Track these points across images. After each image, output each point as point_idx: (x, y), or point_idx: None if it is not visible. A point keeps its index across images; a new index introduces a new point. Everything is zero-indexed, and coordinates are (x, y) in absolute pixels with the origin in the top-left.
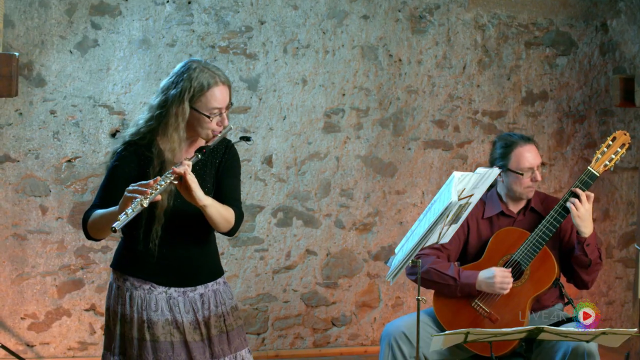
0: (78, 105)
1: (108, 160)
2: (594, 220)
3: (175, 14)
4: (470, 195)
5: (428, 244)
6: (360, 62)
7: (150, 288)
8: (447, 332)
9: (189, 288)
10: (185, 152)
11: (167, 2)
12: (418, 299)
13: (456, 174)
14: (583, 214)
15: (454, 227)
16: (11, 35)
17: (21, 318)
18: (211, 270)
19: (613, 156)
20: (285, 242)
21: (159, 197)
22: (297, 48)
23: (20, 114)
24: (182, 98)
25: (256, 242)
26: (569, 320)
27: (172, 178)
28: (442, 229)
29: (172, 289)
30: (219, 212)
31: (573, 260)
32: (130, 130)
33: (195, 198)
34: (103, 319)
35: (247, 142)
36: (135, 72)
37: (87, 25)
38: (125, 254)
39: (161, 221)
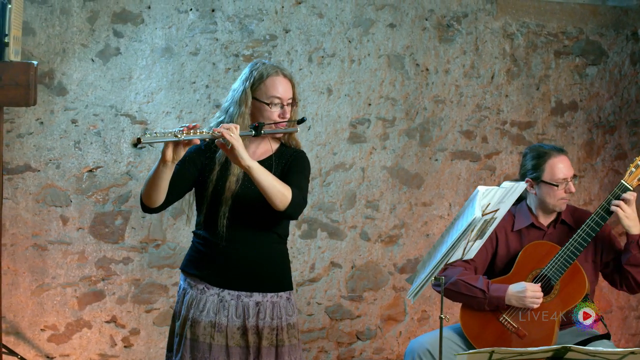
0: (100, 115)
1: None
2: None
3: (198, 22)
4: (496, 210)
5: (451, 260)
6: (386, 72)
7: (204, 288)
8: (471, 351)
9: (243, 293)
10: (254, 151)
11: (191, 10)
12: (441, 317)
13: (480, 189)
14: (630, 214)
15: (479, 243)
16: (32, 43)
17: (41, 329)
18: (274, 281)
19: None
20: (310, 254)
21: (196, 141)
22: (323, 57)
23: (41, 123)
24: (244, 87)
25: None
26: (599, 337)
27: (214, 132)
28: (467, 245)
29: (226, 292)
30: (268, 180)
31: (627, 262)
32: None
33: (239, 157)
34: (123, 331)
35: (303, 122)
36: (157, 81)
37: (109, 33)
38: (190, 253)
39: (228, 203)
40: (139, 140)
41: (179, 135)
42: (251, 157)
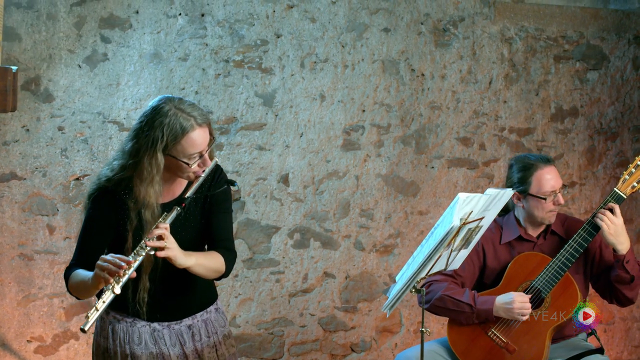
0: (87, 122)
1: (85, 204)
2: None
3: (188, 27)
4: (481, 219)
5: (435, 270)
6: (381, 77)
7: (132, 321)
8: None
9: (173, 322)
10: (166, 193)
11: (180, 14)
12: (422, 331)
13: (461, 196)
14: (615, 229)
15: (465, 252)
16: (18, 49)
17: (27, 341)
18: (201, 301)
19: None
20: (302, 264)
21: (133, 275)
22: (315, 62)
23: (27, 130)
24: (154, 148)
25: (272, 264)
26: (592, 352)
27: (148, 250)
28: (450, 254)
29: (155, 323)
30: (206, 267)
31: (614, 278)
32: (105, 172)
33: (177, 264)
34: None
35: (232, 186)
36: (146, 87)
37: (97, 39)
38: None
39: (146, 285)
40: (84, 330)
41: (115, 290)
42: (167, 195)
